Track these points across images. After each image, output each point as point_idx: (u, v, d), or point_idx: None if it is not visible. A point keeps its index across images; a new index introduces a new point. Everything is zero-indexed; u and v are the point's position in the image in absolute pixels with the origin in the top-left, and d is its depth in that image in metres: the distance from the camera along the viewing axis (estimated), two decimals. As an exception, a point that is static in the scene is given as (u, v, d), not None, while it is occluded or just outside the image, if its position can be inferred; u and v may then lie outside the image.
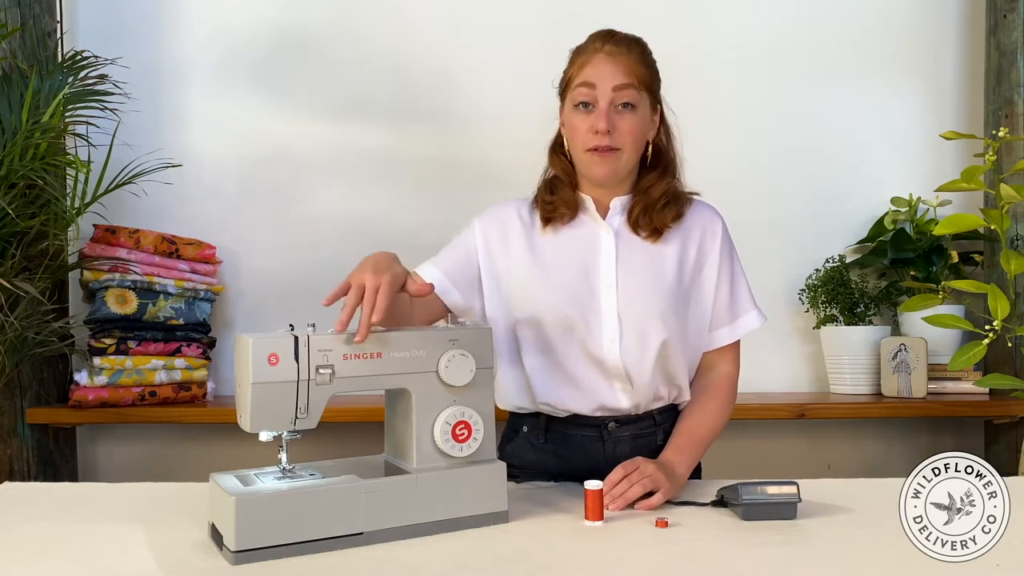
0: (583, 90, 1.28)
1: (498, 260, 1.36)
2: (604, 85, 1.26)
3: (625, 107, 1.27)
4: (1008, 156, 2.18)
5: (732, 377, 1.39)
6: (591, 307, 1.29)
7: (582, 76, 1.28)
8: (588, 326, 1.28)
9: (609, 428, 1.33)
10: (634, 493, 1.13)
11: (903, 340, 2.15)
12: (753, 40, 2.37)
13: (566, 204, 1.34)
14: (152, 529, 1.03)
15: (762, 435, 2.31)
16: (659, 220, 1.31)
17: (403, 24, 2.36)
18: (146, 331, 2.11)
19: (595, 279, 1.30)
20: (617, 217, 1.34)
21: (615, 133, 1.26)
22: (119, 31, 2.33)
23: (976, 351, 1.77)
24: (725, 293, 1.36)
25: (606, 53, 1.27)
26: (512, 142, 2.32)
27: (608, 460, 1.30)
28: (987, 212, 1.83)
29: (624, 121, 1.27)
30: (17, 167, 1.83)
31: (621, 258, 1.31)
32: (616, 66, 1.26)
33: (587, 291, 1.30)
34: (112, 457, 2.34)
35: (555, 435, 1.35)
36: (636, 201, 1.34)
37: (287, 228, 2.34)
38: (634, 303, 1.28)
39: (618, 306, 1.29)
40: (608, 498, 1.12)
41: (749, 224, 2.30)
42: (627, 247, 1.32)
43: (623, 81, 1.26)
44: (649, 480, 1.14)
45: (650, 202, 1.32)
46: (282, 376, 0.97)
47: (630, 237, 1.33)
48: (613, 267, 1.30)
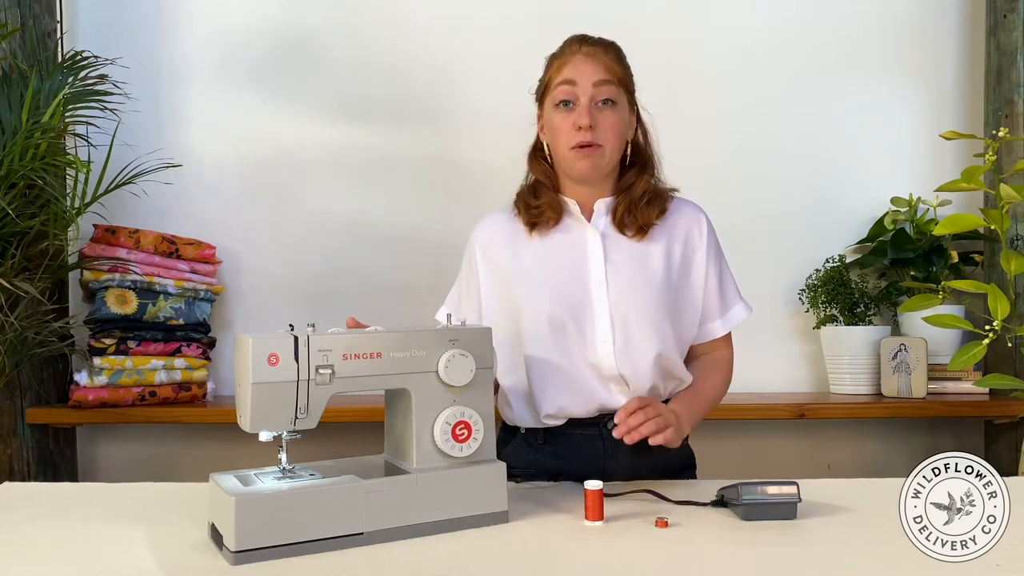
0: (564, 88, 1.30)
1: (494, 268, 1.38)
2: (584, 82, 1.29)
3: (605, 103, 1.30)
4: (1008, 156, 2.18)
5: (729, 361, 1.43)
6: (583, 309, 1.30)
7: (562, 75, 1.31)
8: (581, 328, 1.30)
9: (608, 427, 1.32)
10: (648, 429, 1.15)
11: (903, 340, 2.15)
12: (753, 40, 2.37)
13: (551, 207, 1.35)
14: (152, 529, 1.03)
15: (762, 435, 2.31)
16: (643, 217, 1.33)
17: (403, 24, 2.36)
18: (146, 331, 2.11)
19: (585, 280, 1.31)
20: (602, 219, 1.36)
21: (597, 129, 1.29)
22: (119, 31, 2.33)
23: (976, 351, 1.77)
24: (714, 286, 1.39)
25: (584, 53, 1.31)
26: (512, 142, 2.31)
27: (608, 459, 1.32)
28: (987, 212, 1.83)
29: (605, 117, 1.29)
30: (17, 167, 1.82)
31: (609, 258, 1.32)
32: (596, 64, 1.30)
33: (578, 293, 1.31)
34: (112, 457, 2.34)
35: (554, 435, 1.35)
36: (619, 201, 1.35)
37: (287, 228, 2.34)
38: (625, 301, 1.30)
39: (609, 306, 1.30)
40: (623, 427, 1.14)
41: (749, 224, 2.31)
42: (614, 247, 1.33)
43: (603, 77, 1.29)
44: (662, 419, 1.17)
45: (632, 200, 1.34)
46: (282, 376, 0.97)
47: (617, 237, 1.34)
48: (602, 267, 1.31)
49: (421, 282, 2.31)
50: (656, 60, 2.25)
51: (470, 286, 1.42)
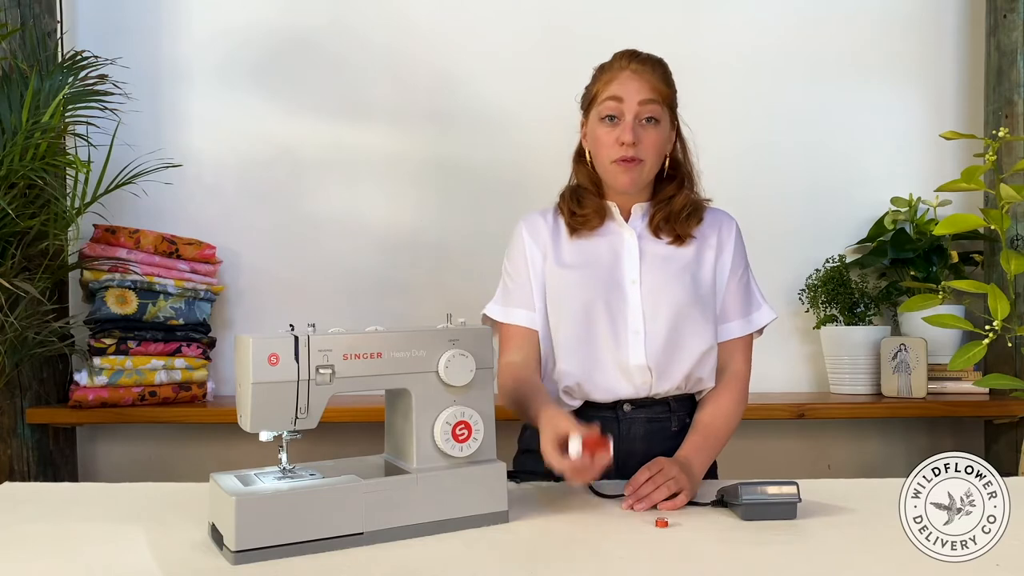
0: (610, 103, 1.35)
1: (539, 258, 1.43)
2: (631, 99, 1.34)
3: (648, 121, 1.35)
4: (1008, 156, 2.18)
5: (744, 377, 1.44)
6: (617, 303, 1.36)
7: (609, 90, 1.35)
8: (614, 320, 1.35)
9: (625, 410, 1.37)
10: (659, 495, 1.14)
11: (903, 340, 2.15)
12: (753, 41, 2.37)
13: (596, 213, 1.42)
14: (152, 529, 1.03)
15: (762, 435, 2.31)
16: (682, 229, 1.40)
17: (403, 24, 2.36)
18: (146, 331, 2.11)
19: (620, 276, 1.38)
20: (639, 222, 1.42)
21: (639, 145, 1.34)
22: (119, 31, 2.33)
23: (976, 351, 1.77)
24: (735, 287, 1.43)
25: (632, 71, 1.35)
26: (512, 142, 2.33)
27: (623, 440, 1.36)
28: (987, 212, 1.83)
29: (648, 134, 1.35)
30: (17, 167, 1.82)
31: (644, 257, 1.38)
32: (642, 82, 1.35)
33: (613, 287, 1.37)
34: (112, 457, 2.34)
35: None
36: (657, 209, 1.42)
37: (287, 228, 2.34)
38: (657, 299, 1.35)
39: (642, 302, 1.35)
40: (633, 499, 1.14)
41: (750, 224, 2.28)
42: (649, 248, 1.40)
43: (648, 96, 1.34)
44: (673, 482, 1.16)
45: (673, 212, 1.41)
46: (282, 376, 0.97)
47: (651, 240, 1.41)
48: (637, 265, 1.38)
49: (421, 282, 2.32)
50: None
51: (523, 274, 1.44)
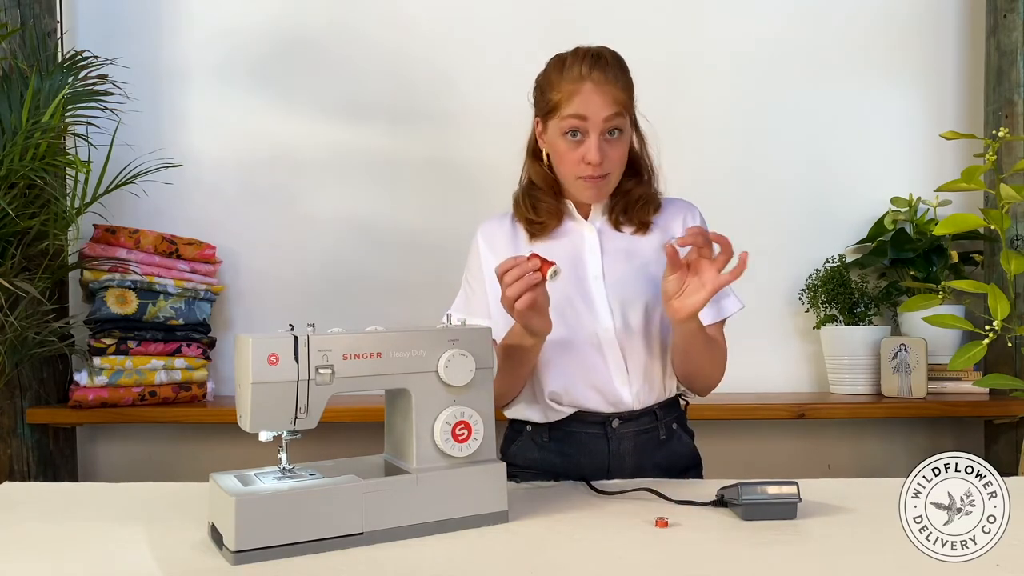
0: (573, 121, 1.28)
1: None
2: (596, 116, 1.27)
3: (612, 134, 1.30)
4: (1008, 156, 2.18)
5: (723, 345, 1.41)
6: (583, 300, 1.34)
7: (572, 107, 1.28)
8: (580, 319, 1.33)
9: (613, 426, 1.35)
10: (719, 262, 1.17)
11: (903, 340, 2.15)
12: (753, 41, 2.37)
13: (553, 215, 1.39)
14: (152, 529, 1.03)
15: (762, 435, 2.31)
16: (640, 216, 1.38)
17: (403, 24, 2.36)
18: (146, 331, 2.11)
19: (583, 272, 1.35)
20: (599, 217, 1.40)
21: (605, 161, 1.29)
22: (119, 31, 2.33)
23: (976, 351, 1.77)
24: None
25: (594, 82, 1.27)
26: (512, 143, 2.31)
27: (613, 457, 1.34)
28: (987, 212, 1.83)
29: (613, 148, 1.30)
30: (17, 167, 1.83)
31: (606, 251, 1.37)
32: (605, 98, 1.27)
33: (577, 284, 1.34)
34: (112, 457, 2.34)
35: (560, 433, 1.37)
36: (616, 202, 1.39)
37: (287, 228, 2.34)
38: (622, 291, 1.34)
39: (607, 296, 1.33)
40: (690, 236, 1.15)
41: (749, 224, 2.31)
42: (610, 241, 1.38)
43: (612, 111, 1.28)
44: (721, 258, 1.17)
45: (630, 203, 1.38)
46: (282, 376, 0.97)
47: (612, 233, 1.39)
48: (599, 260, 1.36)
49: (421, 282, 2.31)
50: (656, 59, 2.25)
51: (480, 283, 1.42)
